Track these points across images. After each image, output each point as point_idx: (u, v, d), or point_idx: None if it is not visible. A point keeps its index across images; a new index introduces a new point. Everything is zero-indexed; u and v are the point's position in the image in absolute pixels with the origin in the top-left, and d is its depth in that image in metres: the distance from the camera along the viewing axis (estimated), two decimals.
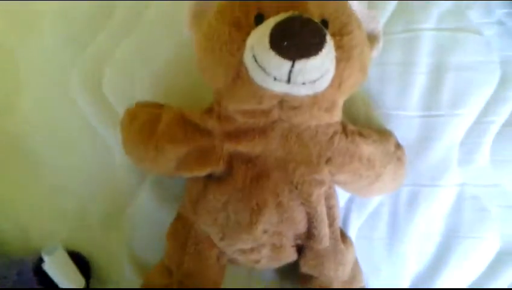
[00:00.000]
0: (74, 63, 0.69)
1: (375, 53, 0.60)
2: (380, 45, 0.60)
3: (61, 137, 0.70)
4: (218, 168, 0.56)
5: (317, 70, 0.47)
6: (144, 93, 0.68)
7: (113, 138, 0.68)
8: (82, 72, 0.69)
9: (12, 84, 0.70)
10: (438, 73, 0.67)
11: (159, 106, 0.63)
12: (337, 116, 0.56)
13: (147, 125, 0.58)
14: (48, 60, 0.70)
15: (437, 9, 0.69)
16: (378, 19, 0.60)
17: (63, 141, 0.70)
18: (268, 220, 0.55)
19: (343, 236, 0.64)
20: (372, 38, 0.59)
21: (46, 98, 0.70)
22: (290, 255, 0.61)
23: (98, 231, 0.70)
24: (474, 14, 0.69)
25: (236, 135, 0.55)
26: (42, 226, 0.71)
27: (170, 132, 0.56)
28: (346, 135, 0.57)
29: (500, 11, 0.69)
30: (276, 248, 0.59)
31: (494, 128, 0.67)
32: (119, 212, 0.70)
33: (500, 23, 0.69)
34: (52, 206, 0.71)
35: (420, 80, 0.67)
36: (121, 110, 0.64)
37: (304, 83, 0.47)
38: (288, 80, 0.46)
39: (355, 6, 0.57)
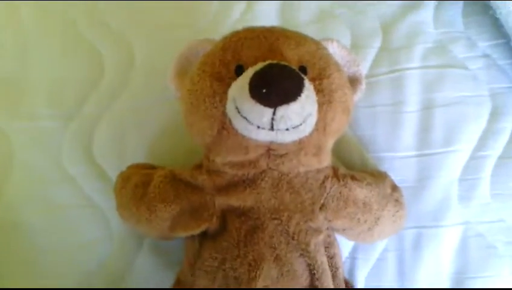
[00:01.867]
0: (64, 131, 0.69)
1: (358, 95, 0.59)
2: (363, 87, 0.60)
3: (55, 208, 0.68)
4: (212, 225, 0.54)
5: (299, 115, 0.46)
6: (135, 157, 0.67)
7: (107, 206, 0.67)
8: (72, 140, 0.69)
9: (3, 156, 0.69)
10: (427, 110, 0.67)
11: (151, 167, 0.62)
12: (326, 160, 0.55)
13: (139, 187, 0.57)
14: (38, 129, 0.70)
15: (420, 46, 0.70)
16: (358, 62, 0.60)
17: (57, 212, 0.68)
18: (267, 274, 0.53)
19: (348, 285, 0.61)
20: (354, 81, 0.59)
21: (38, 169, 0.69)
22: None
23: None
24: (458, 49, 0.70)
25: (227, 188, 0.54)
26: None
27: (161, 191, 0.56)
28: (338, 179, 0.55)
29: (483, 44, 0.70)
30: None
31: (490, 162, 0.65)
32: (118, 280, 0.67)
33: (486, 56, 0.69)
34: (50, 280, 0.67)
35: (410, 119, 0.67)
36: (113, 176, 0.64)
37: (287, 129, 0.47)
38: (272, 128, 0.46)
39: (335, 49, 0.58)
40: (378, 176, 0.61)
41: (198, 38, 0.58)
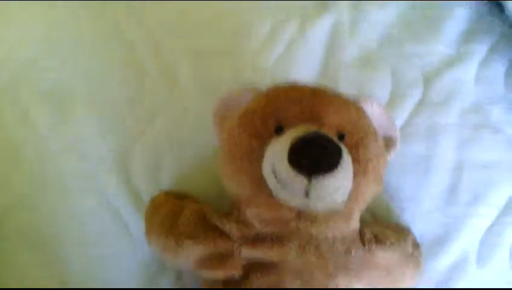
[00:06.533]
0: (102, 144, 0.71)
1: (392, 156, 0.61)
2: (397, 148, 0.61)
3: (83, 219, 0.69)
4: (236, 273, 0.55)
5: (334, 187, 0.47)
6: (169, 181, 0.69)
7: (135, 225, 0.68)
8: (109, 154, 0.70)
9: (39, 161, 0.70)
10: (457, 170, 0.68)
11: (183, 196, 0.64)
12: (354, 224, 0.56)
13: (169, 217, 0.59)
14: (77, 139, 0.71)
15: (459, 104, 0.70)
16: (396, 127, 0.61)
17: (84, 224, 0.69)
18: None
19: None
20: (389, 142, 0.60)
21: (71, 178, 0.70)
22: None
23: None
24: (496, 112, 0.70)
25: (254, 241, 0.55)
26: None
27: (190, 228, 0.57)
28: (364, 244, 0.57)
29: None
30: None
31: None
32: None
33: None
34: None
35: (440, 175, 0.68)
36: (145, 196, 0.66)
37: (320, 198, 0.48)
38: (306, 195, 0.47)
39: (374, 110, 0.59)
40: (401, 233, 0.62)
41: (241, 87, 0.60)
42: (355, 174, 0.50)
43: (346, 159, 0.48)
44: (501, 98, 0.71)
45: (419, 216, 0.67)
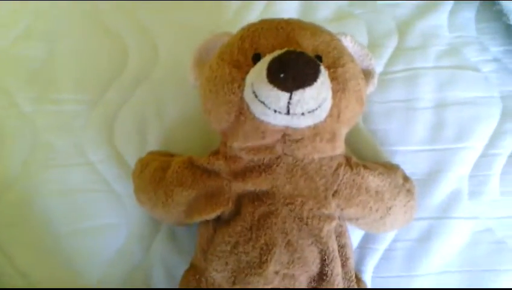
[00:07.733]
0: (87, 116, 0.72)
1: (371, 89, 0.62)
2: (375, 80, 0.62)
3: (73, 192, 0.70)
4: (227, 210, 0.56)
5: (315, 99, 0.48)
6: (155, 146, 0.70)
7: (125, 192, 0.69)
8: (95, 126, 0.71)
9: (27, 139, 0.71)
10: (440, 108, 0.69)
11: (170, 155, 0.65)
12: (339, 148, 0.57)
13: (157, 172, 0.60)
14: (62, 113, 0.72)
15: (435, 48, 0.72)
16: (371, 56, 0.62)
17: (74, 196, 0.70)
18: (278, 259, 0.54)
19: (358, 279, 0.62)
20: (367, 75, 0.61)
21: (59, 152, 0.71)
22: None
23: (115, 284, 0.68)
24: (471, 53, 0.72)
25: (243, 173, 0.55)
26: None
27: (179, 176, 0.57)
28: (351, 167, 0.57)
29: (495, 48, 0.72)
30: None
31: (501, 160, 0.67)
32: (134, 265, 0.69)
33: (497, 60, 0.72)
34: (69, 267, 0.68)
35: (423, 115, 0.69)
36: (132, 163, 0.66)
37: (303, 114, 0.48)
38: (288, 112, 0.48)
39: (348, 43, 0.60)
40: (390, 168, 0.62)
41: (217, 32, 0.61)
42: (335, 92, 0.51)
43: (324, 73, 0.48)
44: (474, 40, 0.73)
45: (408, 156, 0.68)
